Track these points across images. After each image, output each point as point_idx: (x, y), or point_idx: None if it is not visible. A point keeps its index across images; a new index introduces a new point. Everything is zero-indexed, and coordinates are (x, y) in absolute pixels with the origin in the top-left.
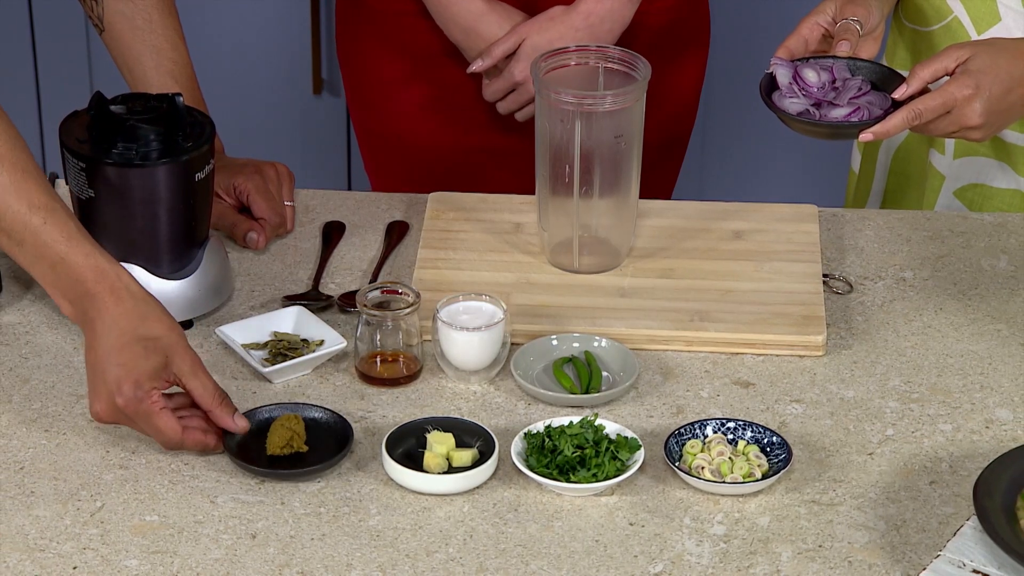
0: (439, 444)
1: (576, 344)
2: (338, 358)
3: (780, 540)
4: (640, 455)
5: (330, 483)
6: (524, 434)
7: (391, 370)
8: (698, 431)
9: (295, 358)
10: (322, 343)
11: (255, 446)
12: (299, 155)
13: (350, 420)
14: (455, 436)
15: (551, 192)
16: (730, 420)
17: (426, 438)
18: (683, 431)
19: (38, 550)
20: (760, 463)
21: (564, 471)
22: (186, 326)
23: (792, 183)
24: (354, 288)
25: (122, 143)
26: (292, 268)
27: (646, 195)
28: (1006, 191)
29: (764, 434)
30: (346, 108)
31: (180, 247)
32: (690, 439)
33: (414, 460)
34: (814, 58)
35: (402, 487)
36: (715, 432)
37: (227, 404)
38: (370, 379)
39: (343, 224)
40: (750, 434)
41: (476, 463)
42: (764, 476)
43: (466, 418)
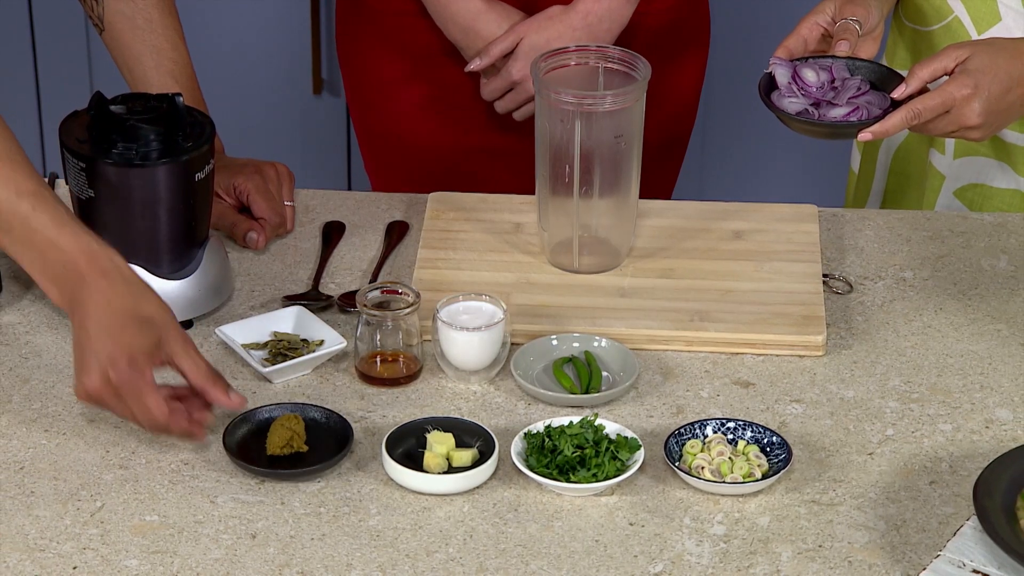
0: (439, 444)
1: (576, 344)
2: (338, 358)
3: (780, 540)
4: (640, 455)
5: (330, 483)
6: (524, 434)
7: (391, 370)
8: (698, 431)
9: (295, 358)
10: (322, 343)
11: (255, 446)
12: (299, 155)
13: (350, 420)
14: (455, 436)
15: (551, 192)
16: (730, 420)
17: (426, 438)
18: (683, 431)
19: (38, 550)
20: (760, 463)
21: (564, 471)
22: (186, 326)
23: (792, 183)
24: (354, 288)
25: (122, 143)
26: (292, 268)
27: (646, 195)
28: (1006, 191)
29: (764, 434)
30: (346, 108)
31: (180, 247)
32: (690, 439)
33: (414, 460)
34: (813, 58)
35: (402, 487)
36: (715, 432)
37: (221, 382)
38: (370, 379)
39: (343, 224)
40: (750, 434)
41: (476, 463)
42: (764, 476)
43: (466, 418)
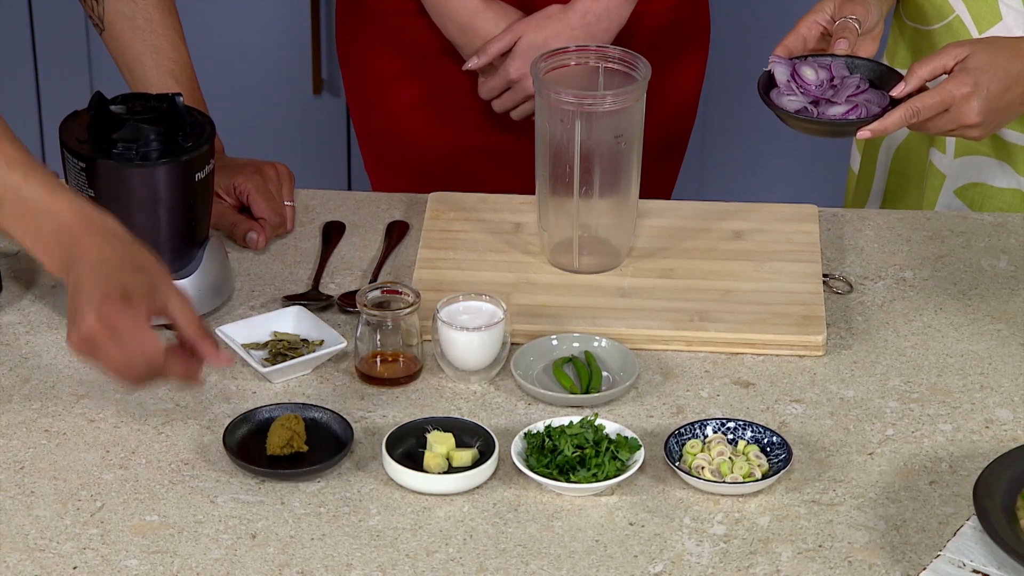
0: (439, 444)
1: (576, 344)
2: (338, 358)
3: (780, 540)
4: (640, 455)
5: (330, 483)
6: (524, 434)
7: (391, 370)
8: (698, 431)
9: (295, 358)
10: (322, 343)
11: (255, 446)
12: (299, 155)
13: (350, 420)
14: (455, 436)
15: (551, 192)
16: (730, 420)
17: (426, 438)
18: (683, 431)
19: (38, 550)
20: (760, 463)
21: (564, 471)
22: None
23: (792, 183)
24: (354, 288)
25: (122, 143)
26: (292, 268)
27: (646, 195)
28: (1006, 190)
29: (764, 434)
30: (346, 108)
31: (180, 247)
32: (690, 439)
33: (414, 460)
34: (812, 56)
35: (402, 487)
36: (715, 432)
37: (212, 337)
38: (370, 379)
39: (343, 224)
40: (750, 434)
41: (476, 463)
42: (764, 476)
43: (466, 418)
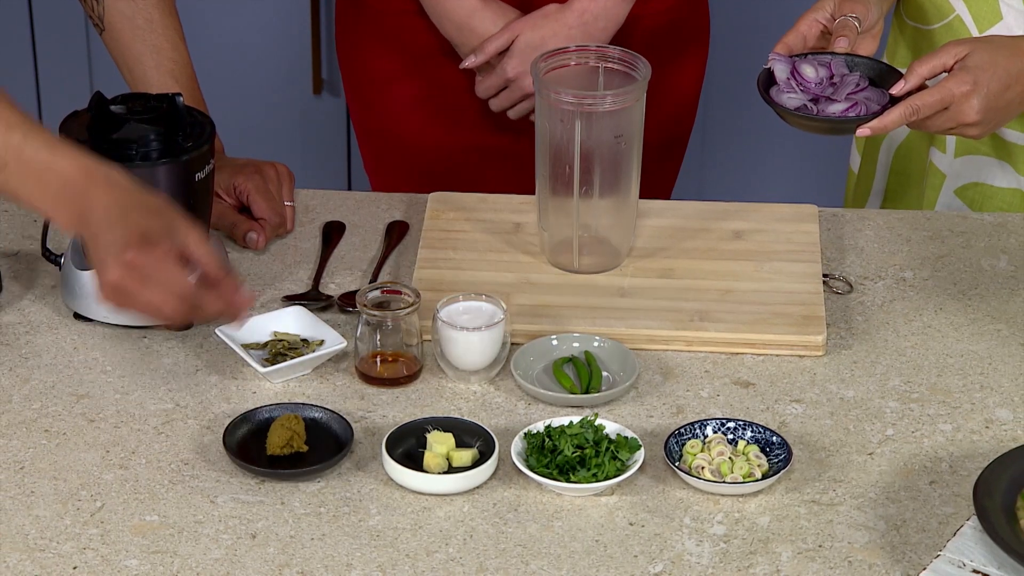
0: (439, 444)
1: (576, 344)
2: (338, 358)
3: (780, 540)
4: (640, 455)
5: (330, 483)
6: (524, 434)
7: (391, 370)
8: (698, 431)
9: (295, 358)
10: (322, 343)
11: (255, 446)
12: (299, 155)
13: (350, 420)
14: (455, 436)
15: (551, 192)
16: (730, 420)
17: (426, 438)
18: (683, 431)
19: (38, 550)
20: (760, 463)
21: (564, 471)
22: (186, 327)
23: (792, 183)
24: (354, 288)
25: (122, 143)
26: (292, 268)
27: (646, 195)
28: (1006, 190)
29: (764, 434)
30: (346, 108)
31: None
32: (690, 439)
33: (414, 460)
34: (812, 54)
35: (402, 487)
36: (715, 432)
37: (235, 274)
38: (370, 379)
39: (343, 224)
40: (750, 434)
41: (476, 463)
42: (764, 476)
43: (466, 418)
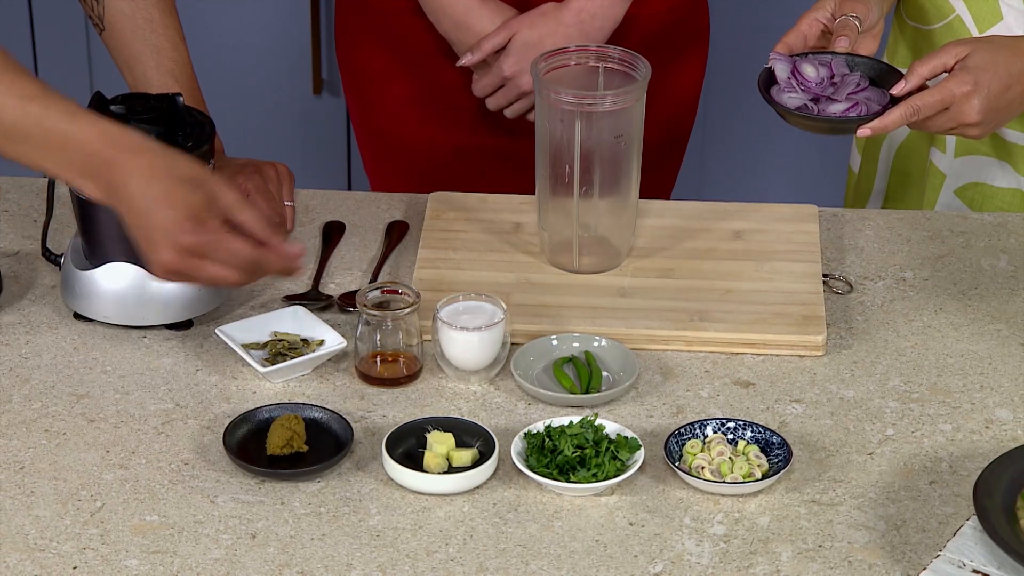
0: (439, 444)
1: (576, 344)
2: (338, 358)
3: (780, 540)
4: (640, 455)
5: (330, 483)
6: (524, 434)
7: (391, 370)
8: (698, 431)
9: (295, 358)
10: (322, 343)
11: (255, 446)
12: (299, 155)
13: (350, 420)
14: (455, 436)
15: (551, 192)
16: (730, 420)
17: (426, 438)
18: (683, 431)
19: (38, 550)
20: (760, 463)
21: (564, 471)
22: (186, 326)
23: (792, 183)
24: (354, 288)
25: None
26: None
27: (646, 195)
28: (1006, 190)
29: (764, 434)
30: (346, 108)
31: None
32: (690, 439)
33: (414, 460)
34: (813, 54)
35: (402, 487)
36: (715, 432)
37: (281, 228)
38: (370, 379)
39: (343, 224)
40: (750, 434)
41: (476, 463)
42: (764, 476)
43: (466, 418)
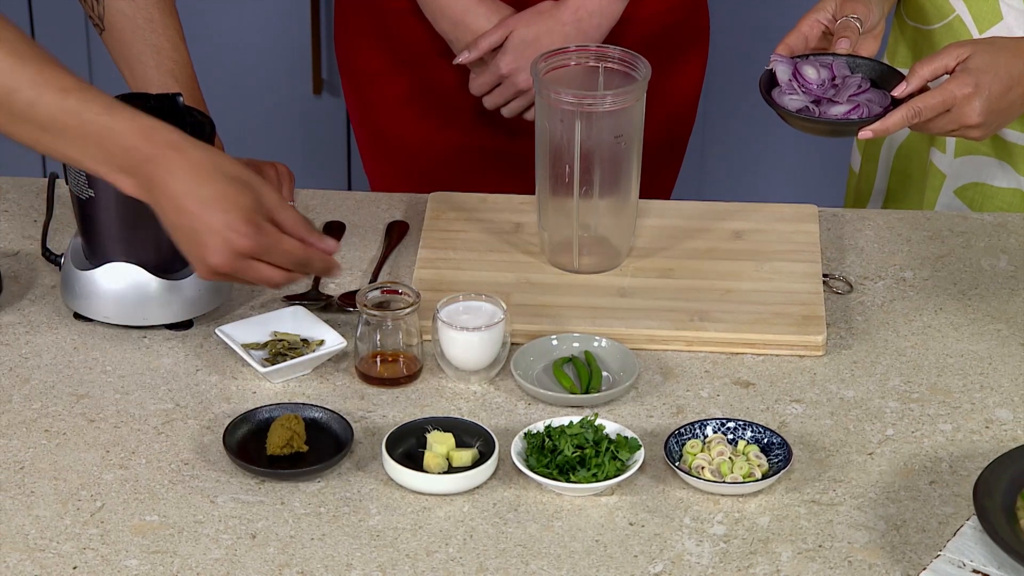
0: (439, 444)
1: (576, 344)
2: (338, 358)
3: (780, 540)
4: (640, 455)
5: (330, 483)
6: (524, 434)
7: (391, 370)
8: (698, 431)
9: (295, 358)
10: (322, 343)
11: (255, 446)
12: (299, 155)
13: (350, 420)
14: (455, 436)
15: (551, 192)
16: (730, 420)
17: (426, 438)
18: (683, 431)
19: (38, 550)
20: (760, 463)
21: (564, 471)
22: (186, 326)
23: (792, 183)
24: (354, 288)
25: None
26: None
27: (646, 195)
28: (1007, 190)
29: (764, 434)
30: (346, 108)
31: None
32: (690, 439)
33: (414, 460)
34: (814, 55)
35: (402, 487)
36: (715, 432)
37: (317, 231)
38: (370, 379)
39: (343, 224)
40: (750, 434)
41: (476, 463)
42: (764, 476)
43: (466, 418)
